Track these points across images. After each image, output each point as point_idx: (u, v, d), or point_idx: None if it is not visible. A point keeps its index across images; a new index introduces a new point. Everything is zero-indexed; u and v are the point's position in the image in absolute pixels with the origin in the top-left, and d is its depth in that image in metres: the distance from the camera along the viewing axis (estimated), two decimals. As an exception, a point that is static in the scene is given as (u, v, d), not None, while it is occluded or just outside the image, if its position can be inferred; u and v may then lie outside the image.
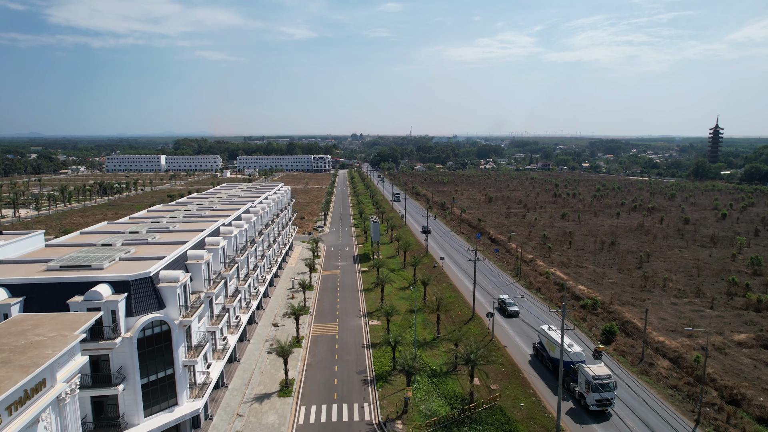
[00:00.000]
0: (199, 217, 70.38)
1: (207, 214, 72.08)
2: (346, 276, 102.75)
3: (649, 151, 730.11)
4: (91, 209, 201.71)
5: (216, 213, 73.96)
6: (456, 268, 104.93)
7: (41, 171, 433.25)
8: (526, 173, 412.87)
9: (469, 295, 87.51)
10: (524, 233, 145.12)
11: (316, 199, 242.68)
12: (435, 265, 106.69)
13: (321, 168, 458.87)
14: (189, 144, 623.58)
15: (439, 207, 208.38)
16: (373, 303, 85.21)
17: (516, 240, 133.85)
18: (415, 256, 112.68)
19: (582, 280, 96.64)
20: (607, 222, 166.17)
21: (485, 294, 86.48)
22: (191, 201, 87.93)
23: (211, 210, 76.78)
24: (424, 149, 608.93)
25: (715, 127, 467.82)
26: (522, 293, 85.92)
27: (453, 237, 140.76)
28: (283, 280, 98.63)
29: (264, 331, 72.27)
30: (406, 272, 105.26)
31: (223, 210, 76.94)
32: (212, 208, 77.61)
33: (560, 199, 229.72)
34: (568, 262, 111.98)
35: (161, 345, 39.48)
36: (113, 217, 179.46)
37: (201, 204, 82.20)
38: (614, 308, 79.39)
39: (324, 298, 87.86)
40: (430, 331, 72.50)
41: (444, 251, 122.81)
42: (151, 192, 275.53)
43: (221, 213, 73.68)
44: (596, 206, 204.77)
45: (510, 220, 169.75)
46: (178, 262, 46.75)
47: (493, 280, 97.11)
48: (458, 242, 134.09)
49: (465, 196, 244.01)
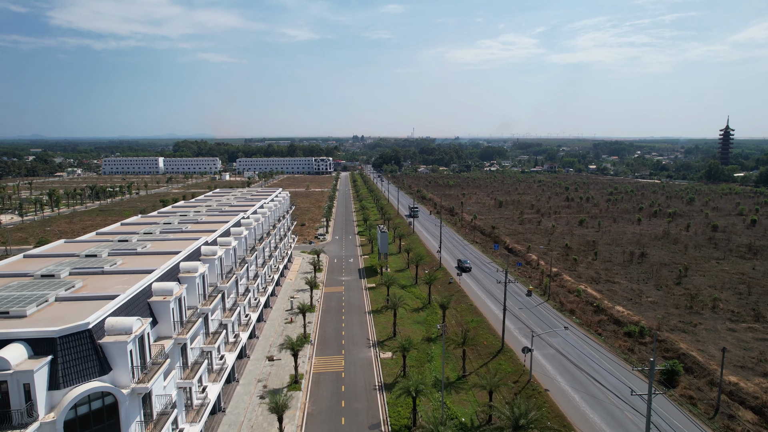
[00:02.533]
0: (179, 232, 59.27)
1: (189, 229, 60.94)
2: (351, 294, 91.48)
3: (653, 152, 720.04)
4: (80, 215, 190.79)
5: (200, 227, 62.84)
6: (476, 285, 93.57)
7: (36, 174, 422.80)
8: (532, 176, 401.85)
9: (494, 317, 76.35)
10: (542, 242, 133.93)
11: (317, 203, 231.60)
12: (450, 281, 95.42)
13: (322, 170, 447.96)
14: (188, 146, 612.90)
15: (447, 212, 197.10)
16: (384, 329, 73.97)
17: (536, 250, 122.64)
18: (427, 270, 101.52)
19: (617, 299, 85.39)
20: (629, 229, 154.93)
21: (514, 319, 75.20)
22: (175, 211, 76.81)
23: (196, 223, 65.68)
24: (427, 151, 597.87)
25: (725, 128, 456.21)
26: (565, 324, 72.86)
27: (467, 247, 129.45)
28: (281, 300, 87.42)
29: (257, 368, 61.05)
30: (418, 289, 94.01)
31: (210, 223, 65.82)
32: (197, 221, 66.49)
33: (574, 204, 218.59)
34: (597, 276, 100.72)
35: (103, 425, 28.30)
36: (102, 224, 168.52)
37: (185, 215, 71.09)
38: (664, 336, 68.11)
39: (327, 322, 76.61)
40: (453, 366, 61.25)
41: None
42: (145, 196, 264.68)
43: (206, 227, 62.55)
44: (613, 211, 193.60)
45: (525, 227, 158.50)
46: (137, 303, 35.57)
47: (519, 299, 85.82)
48: (474, 253, 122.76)
49: (473, 201, 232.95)
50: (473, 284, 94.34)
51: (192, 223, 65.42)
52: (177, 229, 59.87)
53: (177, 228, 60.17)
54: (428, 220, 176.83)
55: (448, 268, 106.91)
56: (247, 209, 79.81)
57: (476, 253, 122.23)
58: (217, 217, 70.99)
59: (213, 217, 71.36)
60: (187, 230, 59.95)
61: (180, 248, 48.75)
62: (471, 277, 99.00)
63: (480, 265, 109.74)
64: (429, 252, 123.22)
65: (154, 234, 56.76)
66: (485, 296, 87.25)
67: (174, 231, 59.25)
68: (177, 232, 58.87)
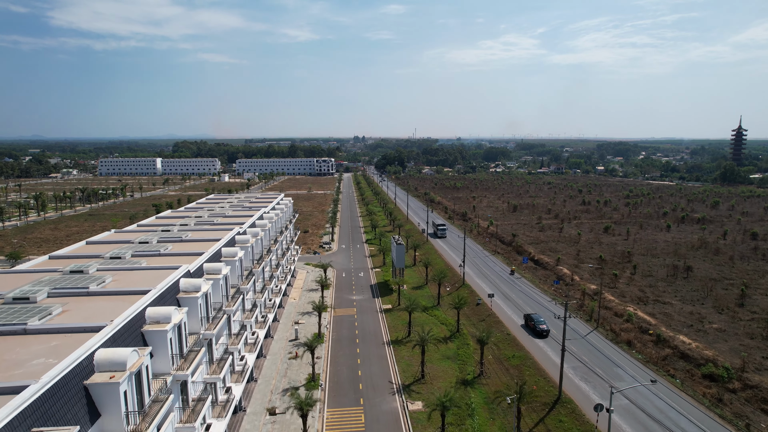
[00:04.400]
0: (156, 255, 46.84)
1: (169, 251, 48.48)
2: (365, 318, 79.04)
3: (659, 153, 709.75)
4: (67, 220, 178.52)
5: (184, 247, 50.50)
6: (510, 309, 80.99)
7: (29, 175, 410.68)
8: (540, 177, 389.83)
9: (537, 350, 64.06)
10: (570, 252, 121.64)
11: (320, 207, 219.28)
12: (479, 302, 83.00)
13: (324, 172, 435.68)
14: (188, 146, 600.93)
15: (460, 217, 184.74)
16: (408, 366, 61.59)
17: (566, 263, 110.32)
18: (449, 287, 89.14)
19: (675, 325, 73.06)
20: (660, 237, 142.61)
21: (554, 349, 62.84)
22: (157, 224, 64.42)
23: (179, 242, 53.35)
24: (430, 152, 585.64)
25: (737, 129, 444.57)
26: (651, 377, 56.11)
27: (489, 259, 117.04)
28: (284, 326, 75.05)
29: (254, 426, 48.71)
30: (442, 312, 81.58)
31: (197, 242, 53.49)
32: (181, 238, 54.14)
33: (591, 208, 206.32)
34: (643, 295, 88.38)
35: None
36: (89, 230, 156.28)
37: (168, 231, 58.66)
38: (756, 380, 55.70)
39: (339, 357, 64.20)
40: (501, 425, 48.83)
41: (485, 280, 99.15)
42: (140, 199, 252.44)
43: (192, 247, 50.19)
44: (636, 216, 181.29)
45: (546, 235, 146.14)
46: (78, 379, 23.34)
47: (559, 323, 73.43)
48: (499, 267, 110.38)
49: (484, 204, 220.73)
50: (506, 306, 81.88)
51: (174, 241, 53.06)
52: (153, 251, 47.46)
53: (153, 250, 47.72)
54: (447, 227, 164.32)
55: (471, 283, 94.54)
56: (243, 221, 67.54)
57: (501, 267, 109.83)
58: (207, 233, 58.69)
59: (202, 232, 59.01)
60: (166, 252, 47.51)
61: (149, 284, 36.41)
62: (501, 295, 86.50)
63: (510, 281, 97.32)
64: (448, 265, 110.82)
65: (122, 259, 44.41)
66: (521, 320, 74.83)
67: (149, 254, 46.92)
68: (153, 256, 46.56)
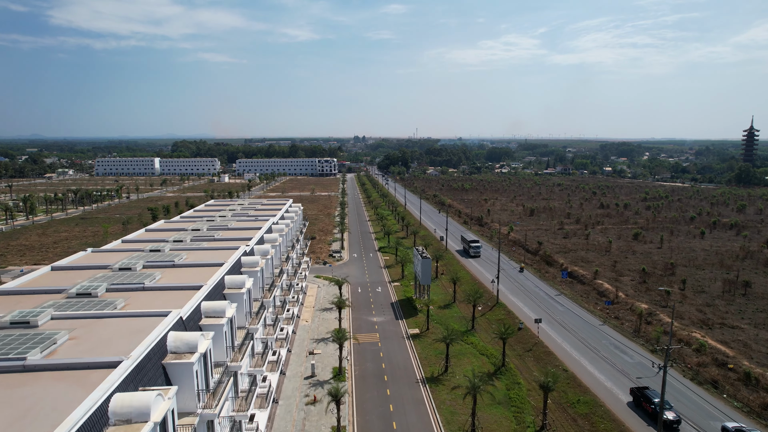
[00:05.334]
0: (140, 289, 35.69)
1: (155, 284, 36.89)
2: (390, 346, 67.85)
3: (663, 154, 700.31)
4: (57, 224, 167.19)
5: (176, 280, 39.27)
6: (560, 337, 69.69)
7: (24, 175, 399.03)
8: (547, 178, 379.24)
9: (606, 393, 53.01)
10: (605, 263, 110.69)
11: (325, 210, 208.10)
12: (521, 327, 71.88)
13: (326, 172, 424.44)
14: (187, 146, 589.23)
15: (475, 222, 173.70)
16: (453, 415, 50.40)
17: (605, 276, 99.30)
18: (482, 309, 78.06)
19: (759, 357, 61.99)
20: (696, 245, 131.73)
21: (623, 389, 51.69)
22: (143, 243, 52.66)
23: (171, 266, 42.13)
24: (434, 152, 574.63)
25: (749, 129, 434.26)
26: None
27: (524, 275, 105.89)
28: (297, 358, 63.94)
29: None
30: (478, 338, 70.42)
31: (194, 267, 42.29)
32: (173, 263, 42.56)
33: (612, 212, 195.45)
34: (704, 317, 77.30)
35: None
36: (80, 235, 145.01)
37: (157, 251, 46.79)
38: None
39: (366, 403, 52.87)
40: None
41: (521, 297, 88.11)
42: (136, 201, 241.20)
43: (186, 279, 38.96)
44: (662, 221, 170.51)
45: (573, 242, 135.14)
46: None
47: (625, 358, 62.41)
48: (532, 281, 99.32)
49: (498, 207, 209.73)
50: (554, 332, 70.69)
51: (164, 266, 41.86)
52: (136, 284, 35.92)
53: (136, 283, 36.05)
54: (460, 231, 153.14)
55: (507, 303, 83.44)
56: (250, 235, 56.33)
57: (534, 281, 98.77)
58: (205, 254, 47.46)
59: (199, 253, 47.73)
60: (152, 286, 35.99)
61: (122, 347, 25.47)
62: (548, 319, 75.27)
63: (546, 298, 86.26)
64: (474, 278, 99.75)
65: (91, 298, 33.14)
66: (582, 355, 63.53)
67: (130, 287, 35.61)
68: (134, 290, 35.28)
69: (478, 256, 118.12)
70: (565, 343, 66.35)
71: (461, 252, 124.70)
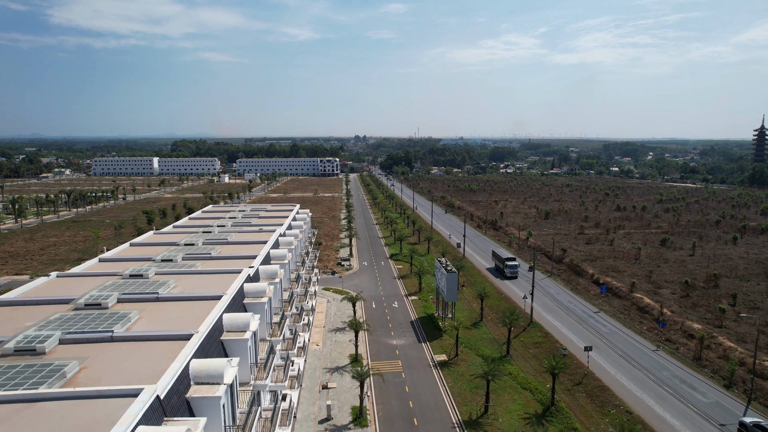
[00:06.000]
0: (108, 340, 26.39)
1: (132, 334, 27.49)
2: (416, 378, 58.54)
3: (667, 154, 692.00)
4: (47, 227, 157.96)
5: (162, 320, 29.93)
6: (613, 366, 60.15)
7: (19, 175, 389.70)
8: (554, 179, 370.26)
9: (682, 445, 43.81)
10: (638, 273, 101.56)
11: (330, 212, 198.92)
12: (564, 353, 62.59)
13: (329, 172, 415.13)
14: (186, 145, 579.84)
15: (489, 226, 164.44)
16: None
17: (643, 289, 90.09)
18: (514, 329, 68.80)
19: None
20: (732, 252, 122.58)
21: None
22: (125, 263, 43.58)
23: (155, 300, 32.86)
24: (437, 152, 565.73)
25: (760, 128, 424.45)
26: None
27: (547, 283, 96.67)
28: (309, 393, 54.74)
29: None
30: (516, 367, 61.10)
31: (185, 301, 33.07)
32: (156, 296, 32.87)
33: (631, 215, 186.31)
34: (768, 339, 68.12)
35: None
36: (70, 240, 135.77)
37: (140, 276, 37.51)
38: None
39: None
40: None
41: (556, 315, 78.84)
42: (132, 202, 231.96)
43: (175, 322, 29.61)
44: (686, 225, 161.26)
45: (597, 249, 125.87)
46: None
47: (697, 396, 53.11)
48: (566, 294, 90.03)
49: (509, 210, 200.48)
50: (603, 359, 61.36)
51: (147, 299, 32.47)
52: (103, 332, 26.80)
53: (104, 331, 27.01)
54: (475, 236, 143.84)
55: (543, 323, 74.19)
56: (254, 252, 47.04)
57: (568, 294, 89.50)
58: (199, 279, 38.21)
59: (192, 278, 38.43)
60: (125, 336, 26.40)
61: None
62: (591, 343, 65.98)
63: (585, 316, 76.98)
64: (500, 292, 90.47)
65: (32, 355, 23.91)
66: (644, 392, 54.12)
67: (96, 338, 26.45)
68: (103, 340, 26.10)
69: (515, 277, 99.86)
70: (620, 375, 57.09)
71: (493, 271, 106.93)
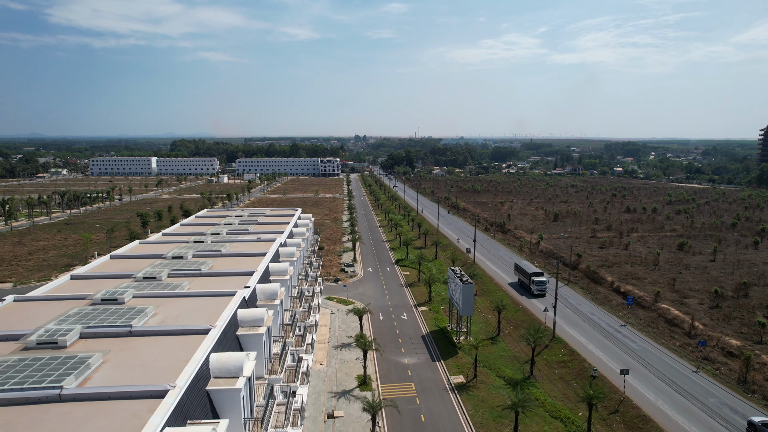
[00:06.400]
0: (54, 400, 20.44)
1: (81, 392, 21.45)
2: (433, 405, 52.47)
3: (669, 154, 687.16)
4: (38, 230, 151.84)
5: (135, 364, 23.97)
6: (651, 391, 54.00)
7: (15, 175, 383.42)
8: (558, 179, 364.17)
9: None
10: (659, 280, 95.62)
11: (331, 214, 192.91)
12: (594, 374, 56.59)
13: (329, 172, 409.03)
14: (186, 145, 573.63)
15: (498, 229, 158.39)
16: None
17: (668, 298, 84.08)
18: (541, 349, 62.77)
19: None
20: (755, 257, 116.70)
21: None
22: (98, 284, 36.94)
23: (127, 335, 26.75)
24: (438, 152, 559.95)
25: (767, 128, 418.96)
26: None
27: (567, 293, 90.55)
28: (313, 424, 48.78)
29: None
30: (542, 390, 55.09)
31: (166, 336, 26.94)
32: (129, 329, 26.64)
33: (642, 217, 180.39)
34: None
35: None
36: (61, 244, 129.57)
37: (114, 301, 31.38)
38: None
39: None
40: None
41: (579, 329, 72.80)
42: (128, 203, 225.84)
43: (151, 365, 23.61)
44: (701, 228, 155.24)
45: (612, 254, 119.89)
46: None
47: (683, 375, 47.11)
48: (588, 305, 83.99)
49: (516, 211, 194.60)
50: (638, 382, 55.28)
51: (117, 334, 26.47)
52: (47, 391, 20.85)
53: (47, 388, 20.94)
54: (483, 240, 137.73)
55: (564, 335, 68.17)
56: (251, 268, 41.06)
57: (590, 308, 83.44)
58: (184, 305, 32.17)
59: (176, 303, 32.39)
60: (71, 394, 20.58)
61: None
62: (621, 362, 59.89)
63: (610, 330, 70.91)
64: (516, 302, 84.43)
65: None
66: (692, 423, 48.03)
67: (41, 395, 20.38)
68: (50, 401, 20.06)
69: (543, 295, 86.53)
70: (662, 402, 51.03)
71: (516, 287, 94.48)
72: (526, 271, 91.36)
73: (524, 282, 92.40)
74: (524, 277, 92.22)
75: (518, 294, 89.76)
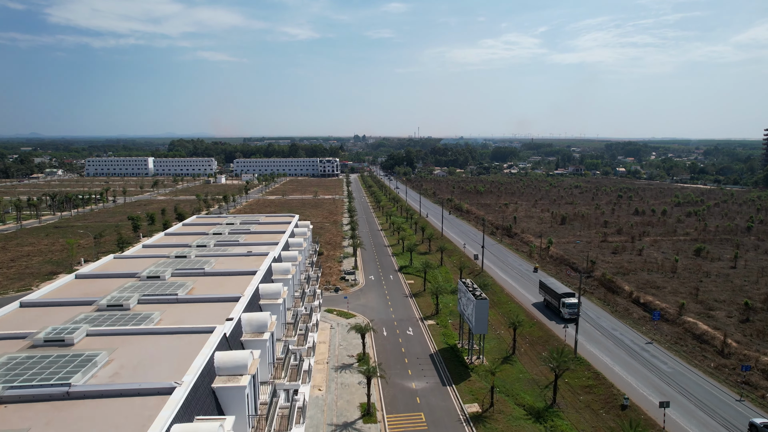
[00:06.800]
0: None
1: None
2: (443, 436, 46.43)
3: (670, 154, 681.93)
4: (26, 234, 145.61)
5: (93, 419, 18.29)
6: (693, 425, 48.00)
7: (9, 176, 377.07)
8: (560, 179, 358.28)
9: None
10: (680, 290, 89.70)
11: (331, 216, 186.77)
12: (626, 402, 50.45)
13: (329, 173, 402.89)
14: (184, 145, 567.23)
15: (504, 233, 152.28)
16: None
17: (693, 310, 78.08)
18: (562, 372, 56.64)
19: None
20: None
21: None
22: (51, 313, 31.16)
23: (63, 398, 20.69)
24: (438, 152, 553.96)
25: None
26: None
27: (584, 305, 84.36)
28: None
29: None
30: (568, 422, 49.02)
31: (114, 399, 21.08)
32: (67, 390, 20.94)
33: (651, 219, 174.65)
34: None
35: None
36: (47, 249, 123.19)
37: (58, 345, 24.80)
38: None
39: None
40: None
41: (604, 349, 66.70)
42: (122, 205, 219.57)
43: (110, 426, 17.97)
44: (715, 232, 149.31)
45: (626, 260, 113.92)
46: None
47: None
48: (608, 319, 77.88)
49: (522, 213, 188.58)
50: (678, 415, 49.10)
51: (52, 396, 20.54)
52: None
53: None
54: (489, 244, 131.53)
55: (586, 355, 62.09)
56: (238, 292, 35.08)
57: (612, 322, 77.31)
58: (152, 343, 26.24)
59: (142, 342, 26.43)
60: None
61: None
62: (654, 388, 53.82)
63: (636, 349, 64.82)
64: (530, 315, 78.20)
65: None
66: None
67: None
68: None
69: (574, 320, 67.28)
70: None
71: (541, 307, 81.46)
72: (555, 291, 78.29)
73: (551, 303, 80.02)
74: (552, 298, 79.35)
75: (543, 315, 77.56)
